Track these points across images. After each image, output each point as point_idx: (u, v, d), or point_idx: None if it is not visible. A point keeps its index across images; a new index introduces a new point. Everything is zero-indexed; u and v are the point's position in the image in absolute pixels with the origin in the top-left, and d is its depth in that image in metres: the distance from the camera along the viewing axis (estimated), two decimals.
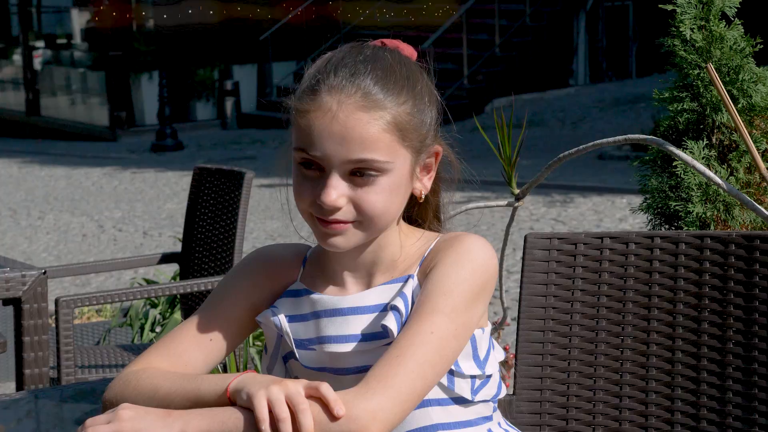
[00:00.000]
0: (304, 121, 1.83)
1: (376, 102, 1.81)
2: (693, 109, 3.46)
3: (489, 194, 8.56)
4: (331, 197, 1.81)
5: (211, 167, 4.57)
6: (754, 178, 3.40)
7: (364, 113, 1.81)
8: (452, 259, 1.86)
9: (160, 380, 1.85)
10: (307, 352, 1.93)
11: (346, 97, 1.81)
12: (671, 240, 2.36)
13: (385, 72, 1.85)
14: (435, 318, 1.80)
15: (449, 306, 1.82)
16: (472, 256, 1.86)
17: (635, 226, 8.53)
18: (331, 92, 1.81)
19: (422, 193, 1.92)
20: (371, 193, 1.82)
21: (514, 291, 6.13)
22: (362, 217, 1.84)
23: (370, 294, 1.91)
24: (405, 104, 1.84)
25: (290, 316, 1.94)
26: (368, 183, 1.82)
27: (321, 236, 1.86)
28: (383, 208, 1.84)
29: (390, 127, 1.82)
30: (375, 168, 1.82)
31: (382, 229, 1.88)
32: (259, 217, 10.23)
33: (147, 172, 14.34)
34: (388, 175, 1.83)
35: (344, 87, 1.81)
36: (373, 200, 1.83)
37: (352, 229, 1.85)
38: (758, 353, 2.27)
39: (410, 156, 1.86)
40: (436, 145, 1.92)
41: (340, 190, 1.82)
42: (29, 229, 10.75)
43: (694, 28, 3.45)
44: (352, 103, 1.81)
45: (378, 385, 1.73)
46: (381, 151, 1.81)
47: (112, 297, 4.15)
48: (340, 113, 1.80)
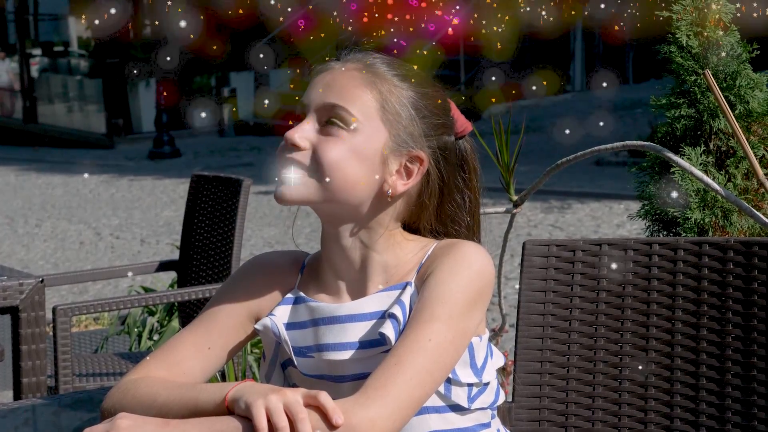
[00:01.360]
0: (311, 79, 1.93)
1: (373, 69, 1.90)
2: (690, 115, 3.46)
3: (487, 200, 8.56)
4: (295, 134, 1.87)
5: (208, 174, 4.56)
6: (751, 184, 3.40)
7: (357, 72, 1.90)
8: (449, 266, 1.86)
9: (158, 389, 1.85)
10: (305, 359, 1.92)
11: (351, 63, 1.91)
12: (669, 246, 2.36)
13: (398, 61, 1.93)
14: (433, 326, 1.80)
15: (446, 313, 1.81)
16: (469, 263, 1.86)
17: (633, 232, 8.53)
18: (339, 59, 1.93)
19: (390, 192, 1.91)
20: (331, 143, 1.86)
21: (512, 297, 6.13)
22: (316, 166, 1.86)
23: (367, 301, 1.91)
24: (400, 90, 1.89)
25: (288, 324, 1.94)
26: (333, 133, 1.86)
27: (277, 185, 1.89)
28: (337, 161, 1.85)
29: (375, 94, 1.88)
30: (342, 118, 1.86)
31: (336, 194, 1.87)
32: (257, 225, 10.23)
33: (144, 179, 14.34)
34: (354, 135, 1.86)
35: (351, 58, 1.92)
36: (330, 148, 1.86)
37: (305, 177, 1.87)
38: (757, 359, 2.27)
39: (386, 134, 1.88)
40: (423, 153, 1.91)
41: (306, 132, 1.88)
42: (26, 237, 10.74)
43: (691, 35, 3.45)
44: (351, 65, 1.91)
45: (376, 393, 1.72)
46: (355, 106, 1.87)
47: (109, 305, 4.14)
48: (336, 68, 1.91)
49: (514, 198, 3.35)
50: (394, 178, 1.90)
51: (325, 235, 1.95)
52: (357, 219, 1.90)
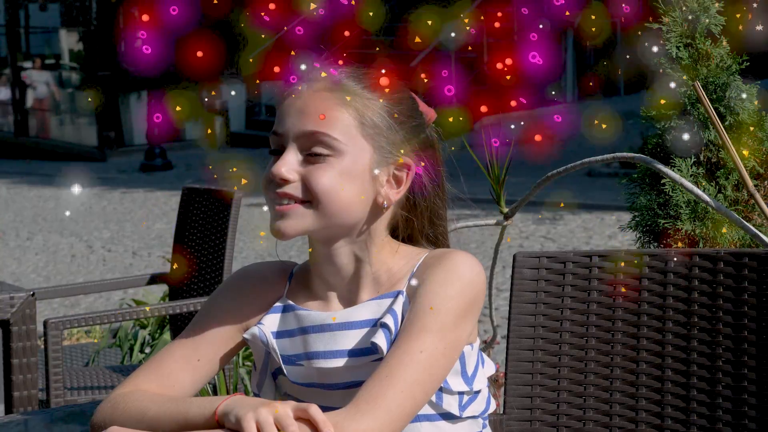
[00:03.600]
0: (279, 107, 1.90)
1: (342, 86, 1.88)
2: (680, 126, 3.47)
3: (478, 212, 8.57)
4: (281, 168, 1.85)
5: (199, 187, 4.56)
6: (742, 195, 3.41)
7: (328, 93, 1.87)
8: (440, 277, 1.86)
9: (147, 403, 1.85)
10: (295, 367, 1.93)
11: (315, 81, 1.88)
12: (660, 258, 2.37)
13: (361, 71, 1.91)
14: (424, 337, 1.80)
15: (438, 324, 1.81)
16: (460, 273, 1.86)
17: (624, 243, 8.53)
18: (304, 79, 1.89)
19: (384, 202, 1.91)
20: (321, 170, 1.85)
21: (503, 309, 6.12)
22: (311, 196, 1.85)
23: (358, 310, 1.91)
24: (374, 101, 1.88)
25: (277, 332, 1.94)
26: (320, 161, 1.85)
27: (271, 220, 1.88)
28: (331, 188, 1.85)
29: (351, 112, 1.87)
30: (327, 144, 1.85)
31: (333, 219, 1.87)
32: (249, 237, 10.22)
33: (136, 192, 14.33)
34: (341, 157, 1.86)
35: (316, 75, 1.89)
36: (320, 176, 1.85)
37: (299, 209, 1.86)
38: (748, 371, 2.27)
39: (370, 150, 1.88)
40: (409, 159, 1.91)
41: (291, 164, 1.86)
42: (18, 250, 10.72)
43: (681, 46, 3.46)
44: (319, 86, 1.88)
45: (367, 406, 1.72)
46: (336, 129, 1.85)
47: (101, 318, 4.13)
48: (305, 92, 1.87)
49: (505, 210, 3.36)
50: (385, 189, 1.90)
51: (317, 253, 1.95)
52: (351, 235, 1.91)
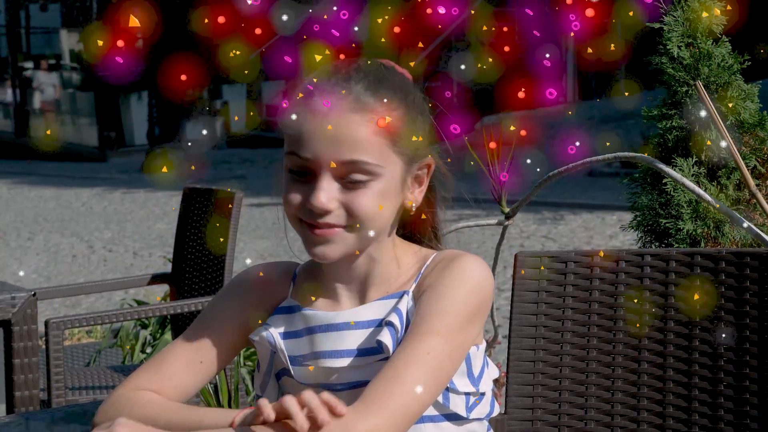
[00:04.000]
0: (295, 125, 1.83)
1: (367, 105, 1.82)
2: (682, 126, 3.47)
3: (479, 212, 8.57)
4: (322, 199, 1.81)
5: (200, 187, 4.56)
6: (743, 194, 3.41)
7: (356, 114, 1.81)
8: (449, 280, 1.85)
9: (158, 410, 1.85)
10: (301, 368, 1.92)
11: (338, 99, 1.81)
12: (661, 258, 2.36)
13: (377, 78, 1.86)
14: (431, 339, 1.80)
15: (446, 327, 1.81)
16: (468, 277, 1.86)
17: (626, 242, 8.54)
18: (322, 95, 1.82)
19: (413, 205, 1.91)
20: (362, 197, 1.82)
21: (505, 309, 6.12)
22: (353, 221, 1.83)
23: (365, 309, 1.91)
24: (397, 110, 1.85)
25: (284, 333, 1.94)
26: (359, 186, 1.82)
27: (309, 244, 1.86)
28: (374, 211, 1.83)
29: (381, 131, 1.83)
30: (365, 171, 1.82)
31: (371, 238, 1.87)
32: (250, 237, 10.22)
33: (137, 192, 14.33)
34: (379, 179, 1.83)
35: (336, 90, 1.82)
36: (364, 203, 1.83)
37: (341, 233, 1.84)
38: (749, 370, 2.27)
39: (401, 163, 1.86)
40: (429, 157, 1.92)
41: (331, 192, 1.82)
42: (19, 250, 10.73)
43: (682, 46, 3.46)
44: (343, 105, 1.81)
45: (374, 405, 1.73)
46: (372, 154, 1.82)
47: (102, 318, 4.13)
48: (331, 114, 1.81)
49: (506, 210, 3.36)
50: (413, 192, 1.91)
51: None
52: (377, 241, 1.91)
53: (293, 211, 1.85)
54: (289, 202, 1.85)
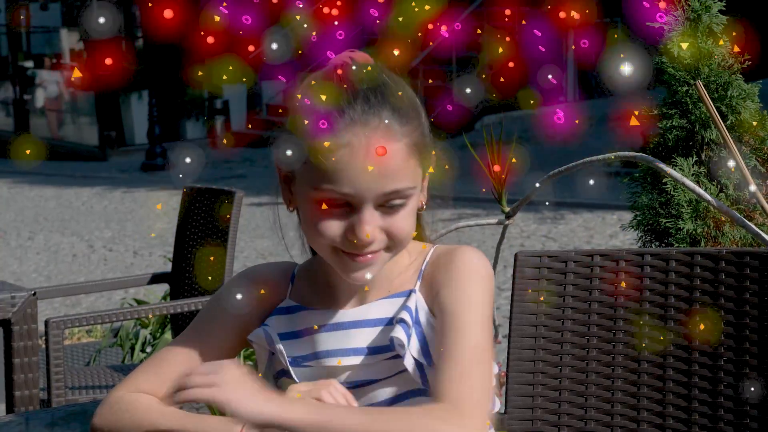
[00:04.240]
0: (329, 161, 1.77)
1: (399, 131, 1.80)
2: (682, 125, 3.47)
3: (480, 211, 8.57)
4: (367, 233, 1.80)
5: (200, 186, 4.56)
6: (743, 194, 3.41)
7: (392, 144, 1.79)
8: (461, 276, 1.86)
9: (156, 416, 1.85)
10: (301, 369, 1.92)
11: (372, 131, 1.78)
12: (661, 257, 2.36)
13: (394, 97, 1.83)
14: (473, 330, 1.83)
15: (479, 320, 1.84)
16: (477, 269, 1.88)
17: (626, 242, 8.54)
18: (354, 126, 1.78)
19: (422, 204, 1.92)
20: (400, 219, 1.83)
21: (505, 308, 6.12)
22: (392, 243, 1.84)
23: (371, 308, 1.91)
24: (419, 127, 1.85)
25: (282, 334, 1.93)
26: (398, 210, 1.82)
27: (347, 270, 1.84)
28: (410, 229, 1.85)
29: (412, 152, 1.82)
30: (404, 195, 1.82)
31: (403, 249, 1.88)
32: (249, 236, 10.22)
33: (137, 191, 14.33)
34: (413, 198, 1.84)
35: (367, 120, 1.78)
36: (403, 225, 1.83)
37: (381, 255, 1.84)
38: (749, 370, 2.27)
39: (422, 173, 1.87)
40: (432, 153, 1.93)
41: (374, 223, 1.81)
42: (19, 249, 10.73)
43: (682, 45, 3.45)
44: (379, 136, 1.78)
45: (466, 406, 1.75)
46: (408, 178, 1.82)
47: (102, 318, 4.13)
48: (370, 148, 1.77)
49: (507, 209, 3.36)
50: (422, 194, 1.91)
51: None
52: None
53: (328, 242, 1.82)
54: (324, 234, 1.81)
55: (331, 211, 1.81)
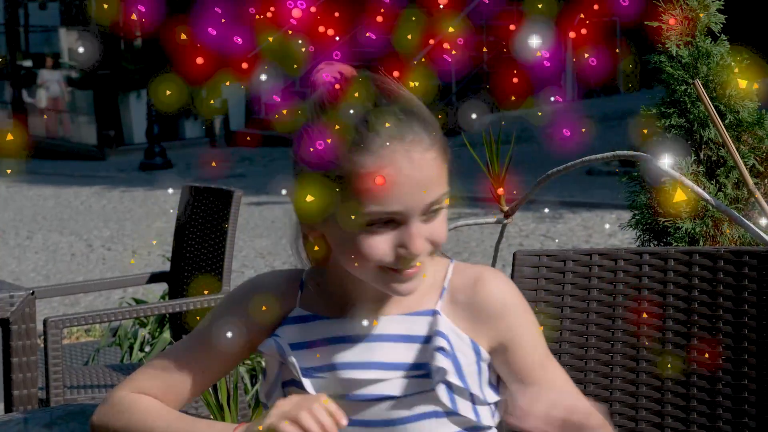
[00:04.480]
0: (373, 183, 1.75)
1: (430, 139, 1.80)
2: (680, 124, 3.47)
3: (478, 211, 8.56)
4: (420, 246, 1.79)
5: (199, 186, 4.56)
6: (742, 193, 3.41)
7: (428, 153, 1.79)
8: (516, 312, 1.92)
9: (154, 420, 1.84)
10: (314, 380, 1.88)
11: (409, 144, 1.77)
12: (660, 256, 2.36)
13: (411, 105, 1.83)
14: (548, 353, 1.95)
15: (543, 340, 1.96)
16: (514, 293, 1.94)
17: (624, 241, 8.54)
18: (392, 143, 1.76)
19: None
20: (440, 225, 1.82)
21: None
22: (434, 249, 1.83)
23: (390, 323, 1.87)
24: (439, 129, 1.84)
25: (295, 344, 1.89)
26: (437, 215, 1.82)
27: (395, 284, 1.82)
28: (447, 232, 1.85)
29: (443, 157, 1.82)
30: (442, 200, 1.81)
31: None
32: (249, 236, 10.22)
33: (136, 190, 14.33)
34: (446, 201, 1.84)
35: (403, 134, 1.77)
36: (443, 230, 1.83)
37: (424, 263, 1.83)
38: (748, 369, 2.27)
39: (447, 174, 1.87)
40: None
41: (423, 233, 1.79)
42: (18, 249, 10.73)
43: (681, 44, 3.46)
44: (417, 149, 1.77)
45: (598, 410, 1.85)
46: (444, 182, 1.82)
47: (101, 317, 4.13)
48: (414, 162, 1.77)
49: (505, 208, 3.36)
50: None
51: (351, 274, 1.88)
52: None
53: (376, 262, 1.79)
54: (373, 256, 1.78)
55: (377, 231, 1.78)
